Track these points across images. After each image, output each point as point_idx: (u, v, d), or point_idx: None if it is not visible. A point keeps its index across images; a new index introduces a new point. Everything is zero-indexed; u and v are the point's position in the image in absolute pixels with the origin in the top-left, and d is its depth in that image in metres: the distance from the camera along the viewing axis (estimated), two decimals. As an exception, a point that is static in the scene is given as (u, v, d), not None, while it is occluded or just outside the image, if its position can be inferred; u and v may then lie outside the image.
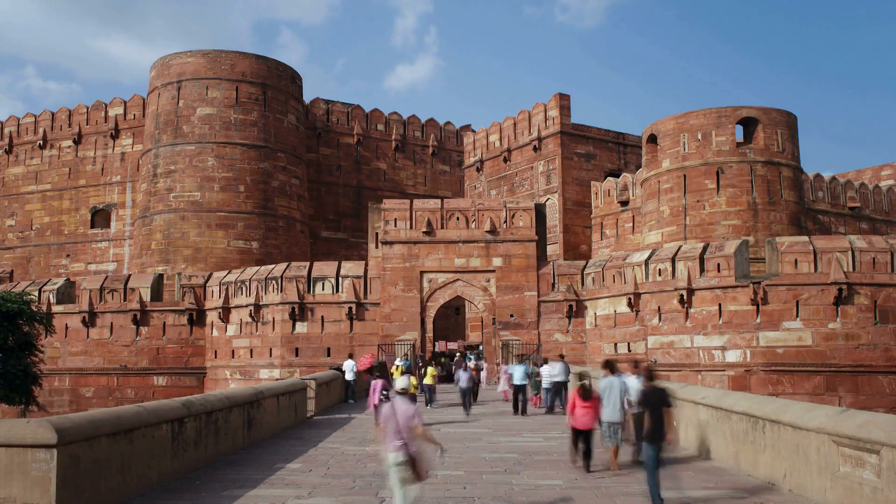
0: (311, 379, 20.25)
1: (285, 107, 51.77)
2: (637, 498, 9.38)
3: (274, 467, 11.61)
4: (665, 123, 41.74)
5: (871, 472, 7.69)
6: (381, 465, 8.87)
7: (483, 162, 56.53)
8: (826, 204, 47.56)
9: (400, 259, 35.80)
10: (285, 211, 50.59)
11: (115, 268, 54.54)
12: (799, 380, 28.50)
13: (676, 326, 31.33)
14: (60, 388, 39.33)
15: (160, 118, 50.20)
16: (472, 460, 12.31)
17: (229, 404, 12.83)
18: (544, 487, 10.08)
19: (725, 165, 39.49)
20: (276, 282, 36.11)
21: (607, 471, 11.10)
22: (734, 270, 29.96)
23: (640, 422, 10.34)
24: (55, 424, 7.71)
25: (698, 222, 39.59)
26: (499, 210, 36.38)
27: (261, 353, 36.62)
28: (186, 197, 48.40)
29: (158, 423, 10.00)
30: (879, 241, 29.90)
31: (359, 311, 35.61)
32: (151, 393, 38.06)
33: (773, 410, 9.98)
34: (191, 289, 39.59)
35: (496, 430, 16.64)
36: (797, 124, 41.07)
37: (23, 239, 57.98)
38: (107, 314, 39.55)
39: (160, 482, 9.97)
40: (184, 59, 50.42)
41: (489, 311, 35.83)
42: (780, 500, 9.10)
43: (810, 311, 28.73)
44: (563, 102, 50.69)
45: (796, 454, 9.26)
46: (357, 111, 59.46)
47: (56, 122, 58.42)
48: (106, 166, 56.65)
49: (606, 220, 48.87)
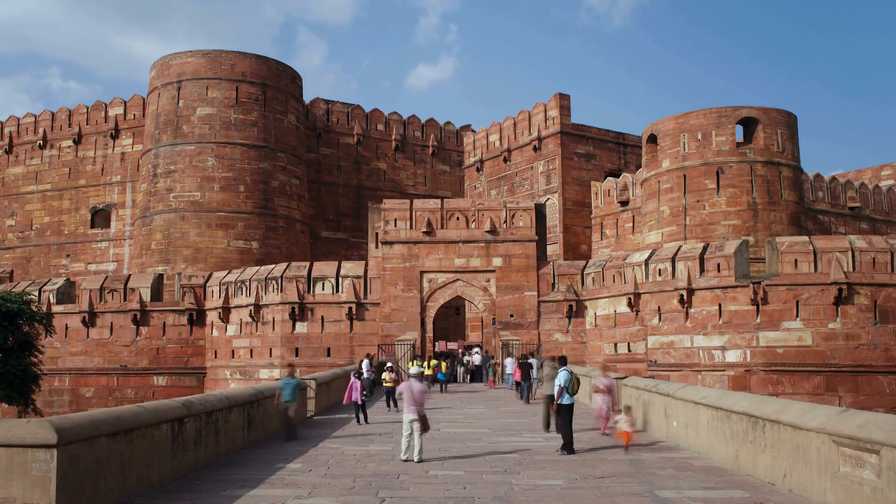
0: (312, 379, 20.25)
1: (285, 107, 51.77)
2: (637, 498, 9.38)
3: (274, 467, 11.61)
4: (665, 123, 41.74)
5: (871, 472, 7.69)
6: (403, 423, 12.23)
7: (483, 162, 56.54)
8: (826, 204, 47.57)
9: (400, 259, 35.80)
10: (285, 211, 50.60)
11: (115, 268, 54.55)
12: (799, 380, 28.50)
13: (676, 326, 31.33)
14: (60, 388, 39.33)
15: (160, 118, 50.20)
16: (472, 460, 12.31)
17: (229, 404, 12.83)
18: (544, 487, 10.08)
19: (725, 165, 39.50)
20: (276, 282, 36.11)
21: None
22: (734, 270, 29.96)
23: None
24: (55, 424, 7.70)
25: (698, 222, 39.59)
26: (499, 210, 36.39)
27: (261, 353, 36.63)
28: (186, 197, 48.41)
29: (158, 423, 10.00)
30: (879, 241, 29.90)
31: (359, 311, 35.61)
32: (151, 393, 38.07)
33: (773, 410, 9.97)
34: (191, 289, 39.59)
35: (496, 430, 16.65)
36: (797, 124, 41.09)
37: (23, 239, 57.98)
38: (107, 314, 39.55)
39: (160, 482, 9.97)
40: (184, 59, 50.43)
41: (489, 311, 35.83)
42: (780, 500, 9.10)
43: (810, 311, 28.73)
44: (563, 102, 50.71)
45: (796, 454, 9.26)
46: (357, 111, 59.47)
47: (56, 122, 58.42)
48: (106, 166, 56.65)
49: (606, 220, 48.87)
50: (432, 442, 14.63)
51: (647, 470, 11.29)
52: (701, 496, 9.44)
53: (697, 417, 12.86)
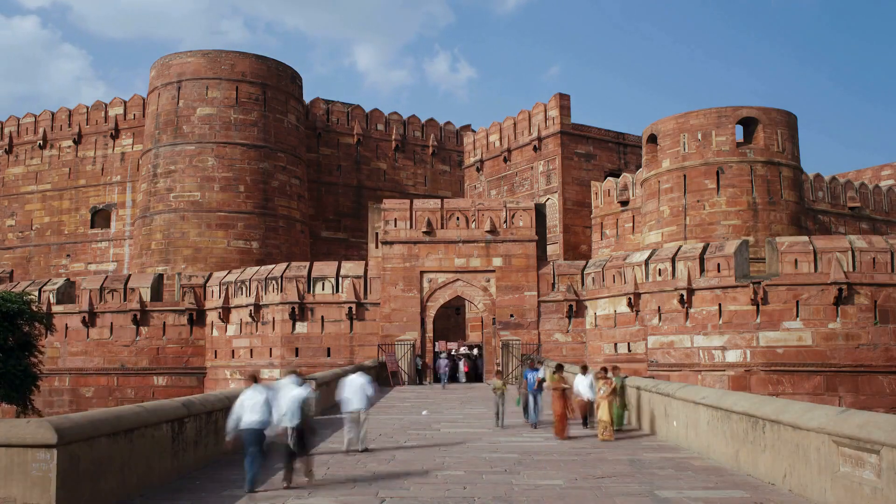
0: (311, 379, 20.23)
1: (285, 107, 51.77)
2: (637, 498, 9.38)
3: (274, 467, 11.60)
4: (665, 123, 41.74)
5: (871, 472, 7.69)
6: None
7: (483, 162, 56.54)
8: (826, 204, 47.56)
9: (400, 259, 35.80)
10: (285, 211, 50.60)
11: (115, 268, 54.54)
12: (799, 380, 28.50)
13: (676, 326, 31.32)
14: (60, 388, 39.33)
15: (160, 118, 50.21)
16: (472, 460, 12.31)
17: (229, 404, 12.77)
18: (544, 487, 10.08)
19: (725, 165, 39.50)
20: (276, 282, 36.12)
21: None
22: (734, 270, 29.96)
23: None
24: (55, 424, 7.71)
25: (698, 222, 39.59)
26: (499, 210, 36.39)
27: (261, 353, 36.63)
28: (186, 197, 48.41)
29: (158, 423, 10.00)
30: (879, 241, 29.90)
31: (359, 311, 35.61)
32: (151, 393, 38.06)
33: (773, 410, 9.98)
34: (191, 289, 39.59)
35: (496, 430, 16.65)
36: (797, 124, 41.08)
37: (23, 239, 57.98)
38: (107, 314, 39.55)
39: (160, 482, 9.97)
40: (184, 59, 50.44)
41: (489, 311, 35.83)
42: (780, 500, 9.10)
43: (810, 311, 28.73)
44: (563, 102, 50.71)
45: (796, 454, 9.26)
46: (357, 111, 59.47)
47: (56, 122, 58.41)
48: (106, 166, 56.64)
49: (606, 220, 48.87)
50: (432, 441, 14.64)
51: (647, 470, 11.30)
52: (701, 496, 9.44)
53: (697, 417, 12.86)
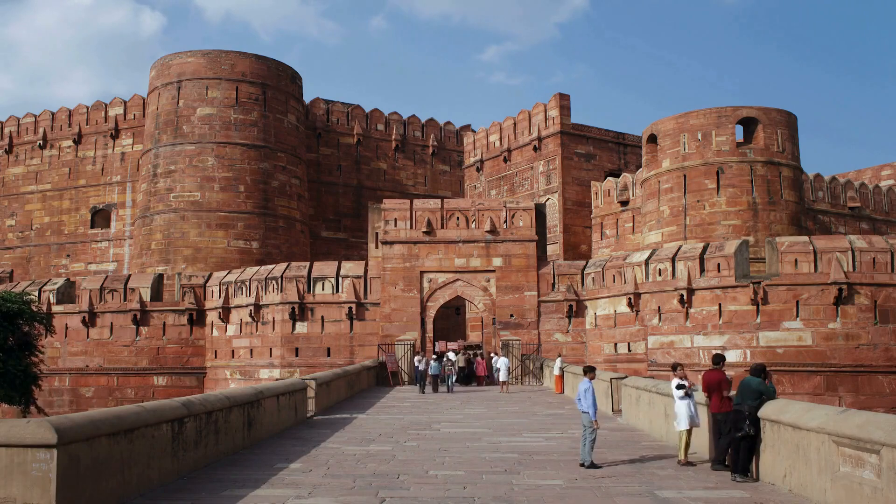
0: (312, 379, 20.24)
1: (285, 107, 51.76)
2: (637, 498, 9.38)
3: (274, 467, 11.60)
4: (665, 123, 41.74)
5: (871, 472, 7.69)
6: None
7: (483, 162, 56.54)
8: (826, 204, 47.57)
9: (400, 259, 35.80)
10: (285, 211, 50.59)
11: (115, 268, 54.53)
12: (799, 380, 28.50)
13: (676, 326, 31.33)
14: (60, 388, 39.33)
15: (160, 118, 50.20)
16: (472, 460, 12.30)
17: (229, 404, 12.82)
18: (544, 487, 10.08)
19: (725, 165, 39.50)
20: (276, 282, 36.11)
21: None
22: (734, 270, 29.96)
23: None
24: (55, 424, 7.70)
25: (698, 222, 39.59)
26: (499, 210, 36.39)
27: (261, 353, 36.63)
28: (186, 197, 48.40)
29: (158, 423, 9.99)
30: (879, 241, 29.90)
31: (359, 311, 35.61)
32: (151, 393, 38.06)
33: (773, 410, 9.98)
34: (191, 289, 39.59)
35: (496, 430, 16.65)
36: (797, 124, 41.09)
37: (23, 239, 57.97)
38: (107, 314, 39.55)
39: (160, 482, 9.96)
40: (184, 59, 50.43)
41: (489, 311, 35.83)
42: (780, 500, 9.10)
43: (810, 311, 28.73)
44: (563, 102, 50.72)
45: (796, 454, 9.26)
46: (357, 111, 59.46)
47: (56, 122, 58.41)
48: (106, 166, 56.64)
49: (606, 220, 48.87)
50: (432, 442, 14.64)
51: (647, 470, 11.30)
52: (701, 496, 9.44)
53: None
